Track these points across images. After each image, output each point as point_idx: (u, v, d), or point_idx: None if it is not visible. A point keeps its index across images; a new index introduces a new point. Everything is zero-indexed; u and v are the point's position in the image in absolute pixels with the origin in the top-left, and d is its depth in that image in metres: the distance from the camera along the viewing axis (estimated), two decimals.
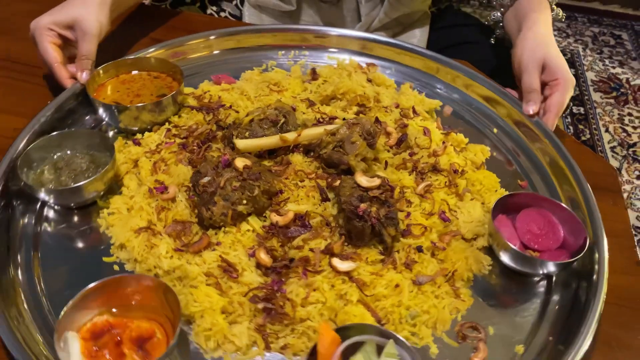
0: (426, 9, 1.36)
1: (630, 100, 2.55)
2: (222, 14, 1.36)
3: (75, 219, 0.87)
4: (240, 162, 0.83)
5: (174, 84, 1.03)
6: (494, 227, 0.81)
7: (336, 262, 0.77)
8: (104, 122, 1.01)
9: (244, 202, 0.80)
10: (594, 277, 0.79)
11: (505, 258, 0.82)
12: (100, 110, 0.97)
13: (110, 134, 1.00)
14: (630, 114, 2.46)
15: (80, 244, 0.84)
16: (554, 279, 0.84)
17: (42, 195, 0.84)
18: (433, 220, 0.86)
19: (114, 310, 0.71)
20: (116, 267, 0.80)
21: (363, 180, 0.81)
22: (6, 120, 0.91)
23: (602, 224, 0.84)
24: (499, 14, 1.18)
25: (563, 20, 1.14)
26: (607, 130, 2.33)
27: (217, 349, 0.72)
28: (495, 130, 1.07)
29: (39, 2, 1.15)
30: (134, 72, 1.04)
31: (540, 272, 0.82)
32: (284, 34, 1.20)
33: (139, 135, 0.98)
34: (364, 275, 0.77)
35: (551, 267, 0.81)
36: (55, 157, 0.89)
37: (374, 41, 1.20)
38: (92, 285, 0.70)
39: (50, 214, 0.87)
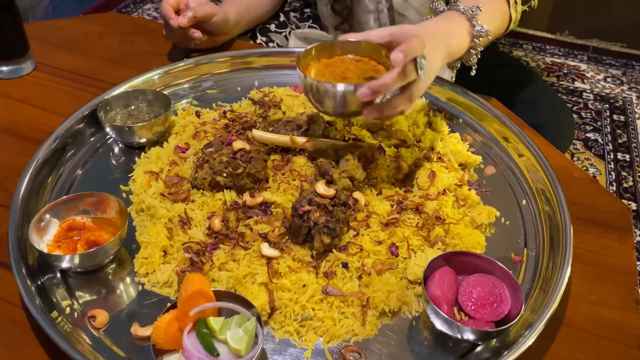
0: None
1: None
2: (271, 44, 1.49)
3: (126, 155, 1.09)
4: (238, 144, 0.96)
5: (379, 67, 1.00)
6: (422, 275, 0.80)
7: (264, 246, 0.85)
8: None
9: (224, 175, 0.93)
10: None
11: (427, 309, 0.80)
12: None
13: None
14: None
15: (116, 173, 1.05)
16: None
17: (108, 129, 1.08)
18: (378, 249, 0.87)
19: (90, 216, 0.90)
20: (124, 195, 1.00)
21: (320, 187, 0.88)
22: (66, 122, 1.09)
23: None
24: None
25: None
26: None
27: (145, 277, 0.86)
28: (524, 202, 1.02)
29: (107, 25, 1.48)
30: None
31: (458, 335, 0.78)
32: None
33: (203, 110, 1.18)
34: (282, 266, 0.84)
35: (469, 334, 0.77)
36: (132, 107, 1.14)
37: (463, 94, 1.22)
38: (84, 192, 0.91)
39: (113, 147, 1.11)
